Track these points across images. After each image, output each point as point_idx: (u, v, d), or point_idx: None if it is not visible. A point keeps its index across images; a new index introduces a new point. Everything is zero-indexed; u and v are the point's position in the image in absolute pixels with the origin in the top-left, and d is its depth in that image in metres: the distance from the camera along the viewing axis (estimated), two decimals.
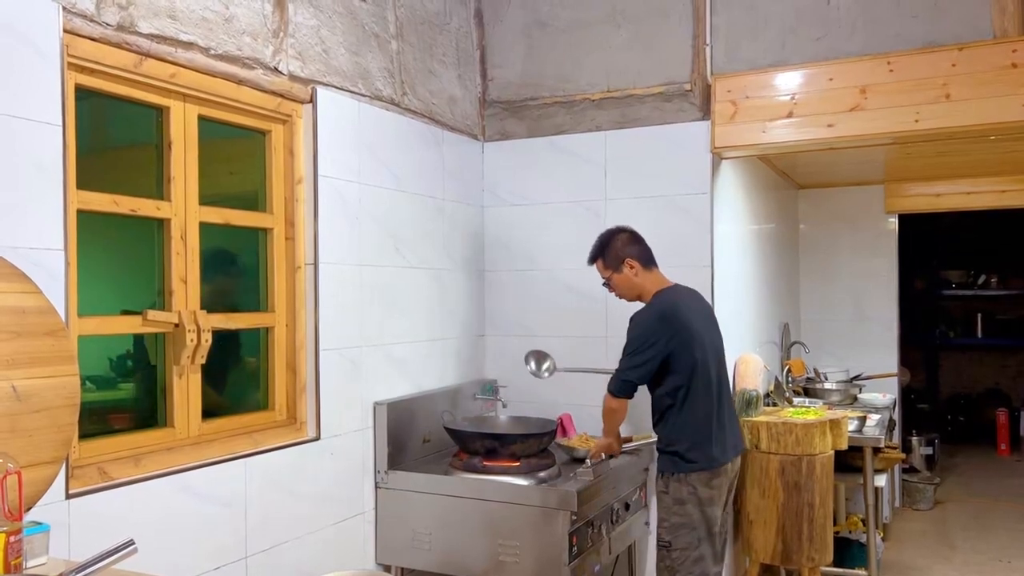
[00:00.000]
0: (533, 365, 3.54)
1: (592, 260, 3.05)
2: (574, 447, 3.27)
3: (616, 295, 3.06)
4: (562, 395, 3.66)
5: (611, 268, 2.99)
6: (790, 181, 5.54)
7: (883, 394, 5.03)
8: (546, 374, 3.54)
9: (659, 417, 2.90)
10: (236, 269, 2.87)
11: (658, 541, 2.87)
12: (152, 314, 2.36)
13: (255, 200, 2.81)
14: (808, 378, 5.06)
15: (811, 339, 5.56)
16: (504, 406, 3.65)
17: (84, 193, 2.17)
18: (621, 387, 2.85)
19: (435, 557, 2.98)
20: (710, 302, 3.41)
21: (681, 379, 2.83)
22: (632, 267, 2.95)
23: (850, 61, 3.25)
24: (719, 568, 2.98)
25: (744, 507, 3.67)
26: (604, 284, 3.06)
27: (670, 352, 2.81)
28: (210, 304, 2.54)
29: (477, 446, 3.06)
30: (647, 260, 2.98)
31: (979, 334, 8.66)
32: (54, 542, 1.84)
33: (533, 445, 3.05)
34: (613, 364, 3.37)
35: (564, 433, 3.50)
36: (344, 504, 2.94)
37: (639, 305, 2.99)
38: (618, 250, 2.97)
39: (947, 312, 8.83)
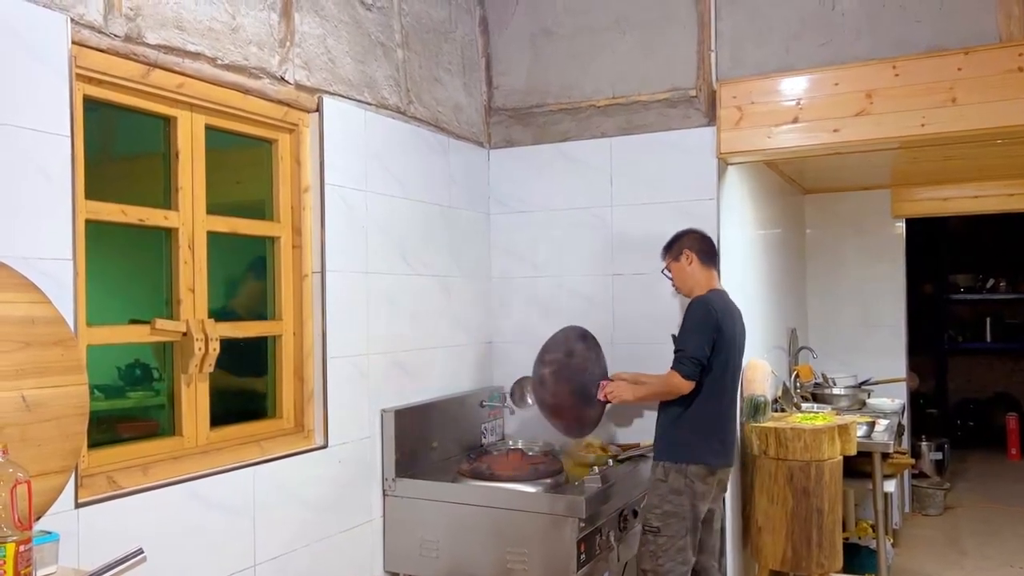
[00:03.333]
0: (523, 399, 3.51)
1: (663, 253, 3.18)
2: (580, 454, 3.26)
3: (674, 287, 3.17)
4: None
5: (672, 257, 3.14)
6: (796, 186, 5.53)
7: (892, 399, 5.01)
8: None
9: (676, 405, 2.93)
10: (257, 277, 2.88)
11: (645, 525, 2.94)
12: (160, 323, 2.37)
13: (262, 209, 2.82)
14: (816, 383, 5.04)
15: (819, 344, 5.54)
16: (512, 413, 3.65)
17: (92, 203, 2.18)
18: (695, 369, 2.88)
19: (443, 564, 2.98)
20: None
21: (712, 373, 2.91)
22: (688, 257, 3.08)
23: (855, 66, 3.24)
24: (705, 558, 3.04)
25: (753, 513, 3.66)
26: (663, 271, 3.18)
27: (715, 343, 2.90)
28: (243, 311, 2.55)
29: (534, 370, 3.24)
30: (706, 257, 3.10)
31: (988, 338, 8.63)
32: (63, 551, 1.85)
33: (579, 361, 3.24)
34: (618, 369, 3.38)
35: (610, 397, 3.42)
36: (352, 512, 2.94)
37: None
38: (682, 242, 3.12)
39: (955, 316, 8.80)
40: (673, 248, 3.14)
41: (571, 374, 3.24)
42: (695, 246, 3.10)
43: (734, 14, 3.47)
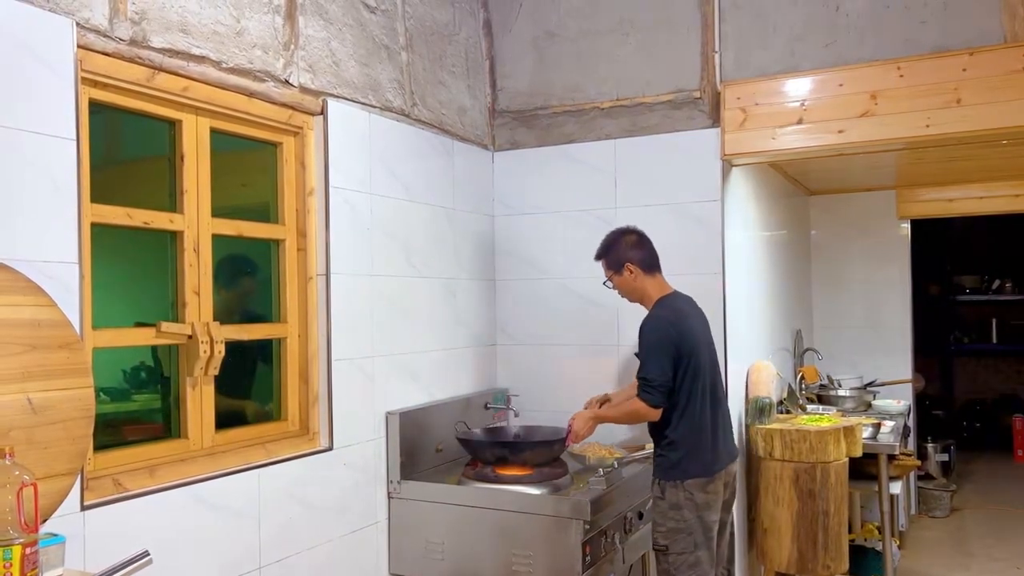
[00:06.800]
0: None
1: (597, 258, 3.06)
2: (586, 455, 3.26)
3: (618, 294, 3.06)
4: (575, 403, 3.65)
5: (612, 269, 3.00)
6: (801, 187, 5.52)
7: (897, 401, 5.00)
8: None
9: (660, 428, 2.87)
10: (251, 279, 2.88)
11: (654, 545, 2.87)
12: (166, 326, 2.38)
13: (267, 212, 2.83)
14: (821, 385, 5.04)
15: (824, 346, 5.53)
16: (516, 415, 3.64)
17: (98, 206, 2.19)
18: (661, 397, 2.79)
19: (448, 567, 2.98)
20: (721, 310, 3.41)
21: (684, 386, 2.82)
22: (631, 271, 2.95)
23: (860, 67, 3.24)
24: (725, 569, 3.00)
25: (758, 515, 3.65)
26: (605, 283, 3.06)
27: (678, 359, 2.81)
28: (229, 313, 2.55)
29: (488, 455, 3.09)
30: (649, 265, 2.97)
31: (994, 339, 8.61)
32: (69, 553, 1.85)
33: (544, 453, 3.06)
34: (623, 371, 3.38)
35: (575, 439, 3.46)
36: (357, 514, 2.94)
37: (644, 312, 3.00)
38: (620, 252, 2.98)
39: (961, 318, 8.77)
40: (610, 257, 2.99)
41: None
42: (636, 256, 2.94)
43: (738, 16, 3.46)
